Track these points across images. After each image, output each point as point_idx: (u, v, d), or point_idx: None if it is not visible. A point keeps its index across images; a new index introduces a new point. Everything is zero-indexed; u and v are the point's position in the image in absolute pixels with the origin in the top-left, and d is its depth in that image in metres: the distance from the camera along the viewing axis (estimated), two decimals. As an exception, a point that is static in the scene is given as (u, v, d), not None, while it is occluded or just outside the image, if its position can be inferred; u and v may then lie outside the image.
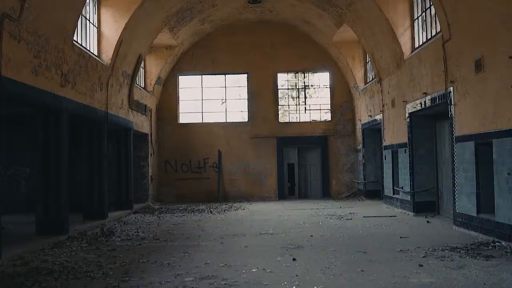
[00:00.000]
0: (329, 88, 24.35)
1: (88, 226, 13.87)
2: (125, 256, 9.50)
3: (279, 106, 24.32)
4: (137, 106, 19.47)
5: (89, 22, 14.99)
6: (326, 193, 23.96)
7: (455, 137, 12.11)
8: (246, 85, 24.27)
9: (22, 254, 9.71)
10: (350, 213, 16.73)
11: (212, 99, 24.36)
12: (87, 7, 14.85)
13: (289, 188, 24.33)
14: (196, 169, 23.85)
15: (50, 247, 10.64)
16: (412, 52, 15.61)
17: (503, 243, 9.76)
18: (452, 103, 12.17)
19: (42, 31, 10.90)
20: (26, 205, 17.63)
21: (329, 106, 24.35)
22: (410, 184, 15.73)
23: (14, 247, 10.18)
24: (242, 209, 19.15)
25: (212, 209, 19.07)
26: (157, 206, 20.86)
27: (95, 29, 15.44)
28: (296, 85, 24.56)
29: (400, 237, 11.16)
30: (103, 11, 15.71)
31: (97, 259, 9.25)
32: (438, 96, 13.11)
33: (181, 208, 20.01)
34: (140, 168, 21.51)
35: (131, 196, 18.67)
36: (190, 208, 19.95)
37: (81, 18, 14.18)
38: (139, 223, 15.14)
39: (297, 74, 24.50)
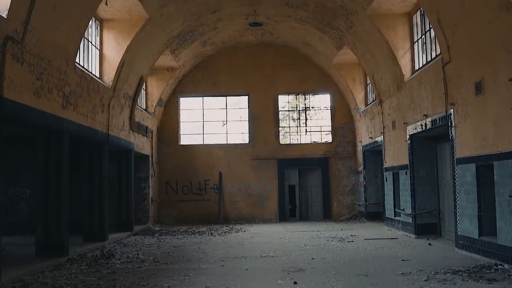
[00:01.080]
0: (329, 110, 24.41)
1: (88, 248, 13.79)
2: (125, 279, 9.43)
3: (280, 128, 24.35)
4: (138, 128, 19.50)
5: (92, 44, 15.09)
6: (327, 215, 23.86)
7: (456, 159, 12.09)
8: (247, 106, 24.33)
9: (21, 276, 9.64)
10: (351, 235, 16.64)
11: (213, 121, 24.41)
12: (90, 30, 14.97)
13: (290, 210, 24.24)
14: (197, 191, 23.80)
15: (50, 269, 10.56)
16: (412, 74, 15.66)
17: (506, 266, 9.68)
18: (453, 125, 12.18)
19: (45, 53, 10.97)
20: (26, 226, 17.56)
21: (330, 128, 24.38)
22: (411, 206, 15.67)
23: (14, 269, 10.11)
24: (243, 231, 19.05)
25: (212, 231, 18.98)
26: (157, 228, 20.76)
27: (97, 51, 15.54)
28: (297, 107, 24.62)
29: (402, 260, 11.07)
30: (105, 33, 15.83)
31: (97, 281, 9.17)
32: (439, 118, 13.12)
33: (181, 230, 19.92)
34: (141, 190, 21.47)
35: (131, 217, 18.60)
36: (190, 230, 19.86)
37: (84, 40, 14.28)
38: (139, 245, 15.06)
39: (298, 96, 24.58)
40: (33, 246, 12.27)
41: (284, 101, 24.55)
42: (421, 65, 15.20)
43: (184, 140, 24.32)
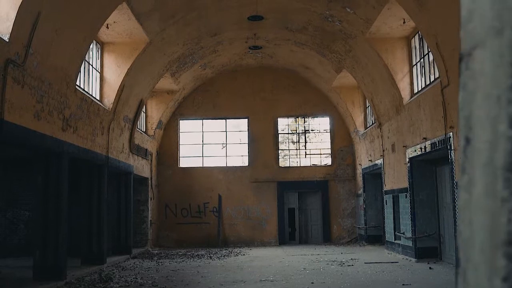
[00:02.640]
0: (329, 133, 24.46)
1: (86, 271, 13.69)
2: (123, 302, 9.35)
3: (280, 151, 24.37)
4: (137, 150, 19.52)
5: (92, 67, 15.19)
6: (327, 238, 23.76)
7: (456, 182, 12.09)
8: (246, 129, 24.39)
9: (18, 301, 9.57)
10: (351, 259, 16.55)
11: (212, 144, 24.44)
12: (91, 53, 15.07)
13: (290, 233, 24.14)
14: (196, 214, 23.72)
15: (47, 293, 10.48)
16: (411, 97, 15.73)
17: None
18: (452, 148, 12.19)
19: (46, 76, 11.04)
20: (24, 248, 17.46)
21: (329, 151, 24.40)
22: (411, 229, 15.61)
23: (11, 293, 10.04)
24: (242, 255, 18.95)
25: (211, 255, 18.88)
26: (156, 251, 20.65)
27: (98, 74, 15.63)
28: (296, 130, 24.69)
29: (403, 285, 11.00)
30: (106, 56, 15.94)
31: (95, 305, 9.10)
32: (438, 141, 13.15)
33: (180, 253, 19.81)
34: (140, 212, 21.40)
35: (130, 240, 18.51)
36: (189, 253, 19.75)
37: (84, 63, 14.37)
38: (137, 268, 14.96)
39: (297, 119, 24.66)
40: (30, 269, 12.19)
41: (284, 124, 24.63)
42: (420, 88, 15.28)
43: (184, 163, 24.32)
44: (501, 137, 0.62)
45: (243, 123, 24.53)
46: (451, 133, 12.25)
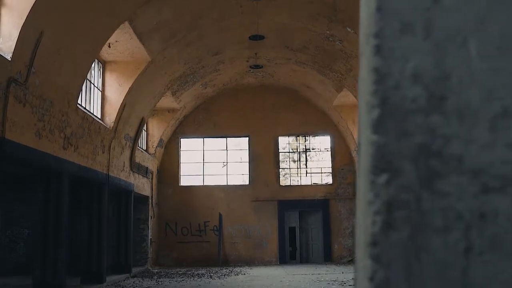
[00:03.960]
0: (330, 151, 24.58)
1: (86, 290, 13.74)
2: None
3: (280, 169, 24.47)
4: (138, 169, 19.63)
5: (94, 85, 15.37)
6: (328, 258, 23.75)
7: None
8: (247, 148, 24.52)
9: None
10: (352, 278, 16.56)
11: (213, 162, 24.55)
12: (92, 71, 15.27)
13: (291, 252, 24.14)
14: (197, 232, 23.75)
15: (47, 312, 10.53)
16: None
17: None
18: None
19: (47, 95, 11.20)
20: (24, 266, 17.49)
21: (330, 169, 24.50)
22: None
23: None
24: (242, 274, 18.95)
25: (212, 274, 18.89)
26: (156, 270, 20.66)
27: (99, 93, 15.81)
28: (297, 148, 24.81)
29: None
30: (108, 75, 16.13)
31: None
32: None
33: (180, 272, 19.81)
34: (140, 231, 21.44)
35: (130, 259, 18.53)
36: (189, 272, 19.76)
37: (86, 81, 14.56)
38: None
39: (298, 138, 24.80)
40: (30, 288, 12.26)
41: (285, 142, 24.76)
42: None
43: (184, 181, 24.41)
44: (367, 141, 0.75)
45: (243, 142, 24.67)
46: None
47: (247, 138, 24.55)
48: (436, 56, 0.72)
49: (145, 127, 21.63)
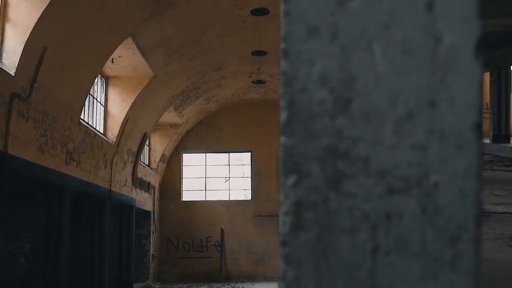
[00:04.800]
0: (333, 167, 24.46)
1: (86, 305, 13.69)
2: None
3: (283, 185, 24.37)
4: (140, 184, 19.64)
5: (97, 100, 15.45)
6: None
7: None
8: (249, 163, 24.51)
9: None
10: None
11: (215, 177, 24.54)
12: (95, 86, 15.36)
13: (293, 268, 23.95)
14: (198, 248, 23.68)
15: (45, 326, 10.49)
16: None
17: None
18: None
19: (50, 110, 11.26)
20: (24, 282, 17.42)
21: (333, 185, 24.36)
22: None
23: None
24: (244, 290, 18.87)
25: (213, 289, 18.81)
26: (157, 286, 20.58)
27: (102, 108, 15.88)
28: (300, 164, 24.75)
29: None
30: (111, 90, 16.22)
31: None
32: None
33: None
34: (142, 246, 21.38)
35: (131, 275, 18.47)
36: (191, 288, 19.69)
37: (89, 96, 14.64)
38: (137, 302, 14.93)
39: (301, 153, 24.74)
40: (30, 303, 12.22)
41: (287, 158, 24.69)
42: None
43: (186, 196, 24.39)
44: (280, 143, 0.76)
45: (246, 157, 24.67)
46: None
47: (250, 153, 24.55)
48: (342, 59, 0.73)
49: (147, 142, 21.68)
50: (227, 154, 24.66)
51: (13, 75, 9.59)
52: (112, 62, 15.10)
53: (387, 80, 0.73)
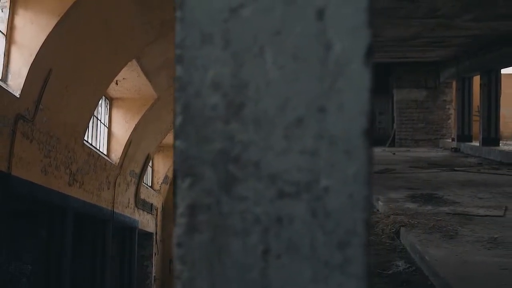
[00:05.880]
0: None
1: (84, 326, 13.60)
2: None
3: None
4: (143, 205, 19.63)
5: (100, 122, 15.54)
6: None
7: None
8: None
9: None
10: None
11: (220, 200, 24.42)
12: (99, 108, 15.46)
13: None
14: (201, 271, 23.47)
15: None
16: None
17: None
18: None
19: (54, 131, 11.32)
20: (25, 303, 17.35)
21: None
22: None
23: None
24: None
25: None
26: (159, 308, 20.44)
27: (106, 129, 15.97)
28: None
29: None
30: (114, 111, 16.32)
31: None
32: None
33: (183, 310, 19.55)
34: (144, 268, 21.28)
35: (132, 297, 18.37)
36: (192, 311, 19.48)
37: (93, 118, 14.74)
38: (137, 325, 14.82)
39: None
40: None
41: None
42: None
43: (190, 219, 24.24)
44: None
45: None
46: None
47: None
48: (234, 65, 0.75)
49: (150, 163, 21.71)
50: (231, 177, 24.55)
51: (18, 96, 9.67)
52: (116, 84, 15.21)
53: (278, 86, 0.75)
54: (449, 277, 4.27)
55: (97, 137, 15.26)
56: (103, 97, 15.73)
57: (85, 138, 13.62)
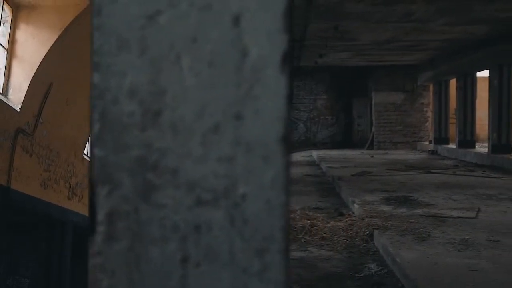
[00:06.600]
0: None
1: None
2: None
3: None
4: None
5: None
6: None
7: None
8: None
9: None
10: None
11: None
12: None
13: None
14: None
15: None
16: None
17: None
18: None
19: (54, 145, 11.16)
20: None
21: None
22: None
23: None
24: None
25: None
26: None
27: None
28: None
29: None
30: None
31: None
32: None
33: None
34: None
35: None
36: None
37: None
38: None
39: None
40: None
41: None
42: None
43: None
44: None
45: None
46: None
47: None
48: (151, 72, 0.75)
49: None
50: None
51: (18, 110, 9.56)
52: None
53: (195, 93, 0.74)
54: (419, 279, 4.30)
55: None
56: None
57: (85, 152, 13.43)
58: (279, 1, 0.75)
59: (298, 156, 18.29)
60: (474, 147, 15.88)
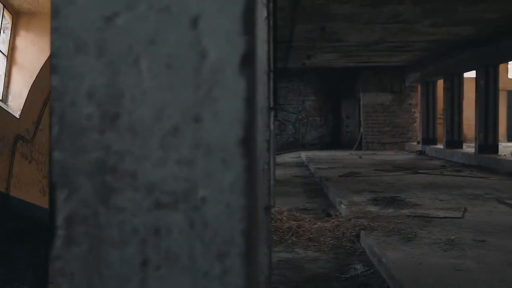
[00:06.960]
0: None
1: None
2: None
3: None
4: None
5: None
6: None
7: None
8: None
9: None
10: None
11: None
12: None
13: None
14: None
15: None
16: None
17: None
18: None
19: (54, 152, 11.11)
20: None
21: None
22: None
23: None
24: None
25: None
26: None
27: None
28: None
29: None
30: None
31: None
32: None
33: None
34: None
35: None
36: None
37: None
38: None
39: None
40: None
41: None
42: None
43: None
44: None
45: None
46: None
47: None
48: (109, 74, 0.74)
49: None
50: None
51: (18, 117, 9.50)
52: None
53: (153, 95, 0.74)
54: (404, 280, 4.31)
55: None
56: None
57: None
58: (238, 3, 0.75)
59: (287, 157, 18.34)
60: (461, 147, 15.98)
